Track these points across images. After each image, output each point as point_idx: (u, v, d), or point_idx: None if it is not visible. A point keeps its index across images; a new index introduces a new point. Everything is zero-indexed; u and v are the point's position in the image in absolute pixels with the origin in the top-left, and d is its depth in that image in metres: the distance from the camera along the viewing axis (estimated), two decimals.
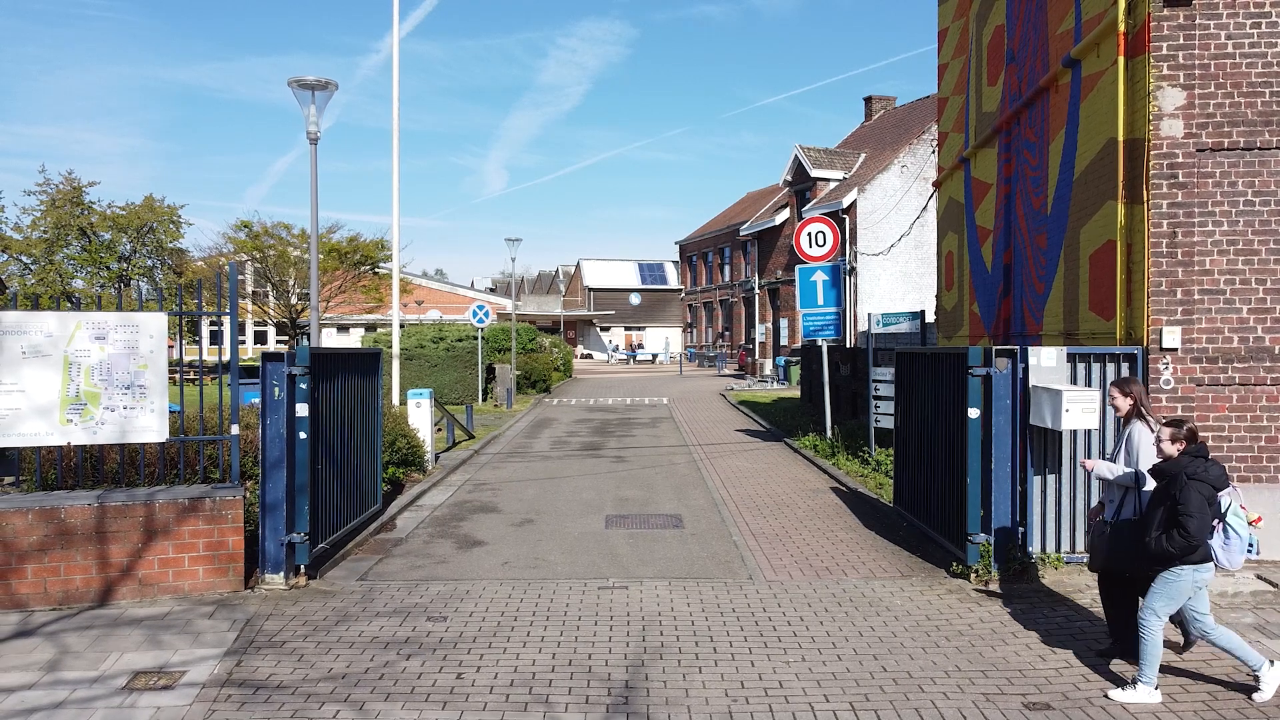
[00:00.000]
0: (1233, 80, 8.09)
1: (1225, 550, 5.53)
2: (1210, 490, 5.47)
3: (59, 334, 7.50)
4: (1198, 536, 5.40)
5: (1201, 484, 5.43)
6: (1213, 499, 5.50)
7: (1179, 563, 5.49)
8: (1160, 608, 5.59)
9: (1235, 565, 5.55)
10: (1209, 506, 5.45)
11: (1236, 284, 8.08)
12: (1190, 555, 5.45)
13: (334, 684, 5.81)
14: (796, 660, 6.24)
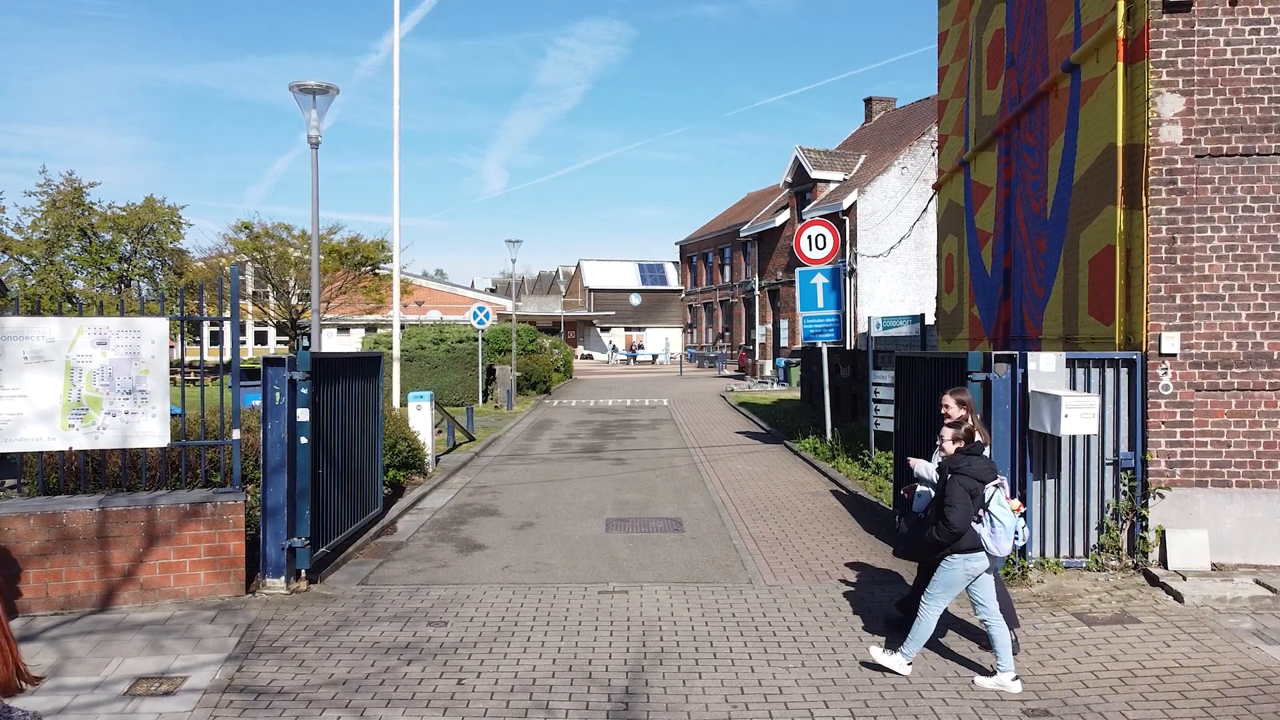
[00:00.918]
0: (1231, 86, 8.11)
1: (993, 539, 5.85)
2: (974, 483, 5.87)
3: (61, 339, 7.52)
4: (958, 526, 5.80)
5: (965, 478, 5.86)
6: (976, 491, 5.87)
7: (950, 552, 5.90)
8: (938, 594, 5.98)
9: (1003, 552, 5.88)
10: (972, 499, 5.83)
11: (1235, 289, 8.10)
12: (958, 544, 5.86)
13: (335, 689, 5.83)
14: (796, 666, 6.26)
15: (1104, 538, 8.18)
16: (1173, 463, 8.13)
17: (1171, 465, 8.13)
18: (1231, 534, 8.08)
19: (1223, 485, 8.11)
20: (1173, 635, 6.72)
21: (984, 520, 5.84)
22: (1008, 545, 5.85)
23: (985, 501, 5.85)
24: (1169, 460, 8.13)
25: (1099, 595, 7.63)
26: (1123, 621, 7.03)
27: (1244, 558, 8.07)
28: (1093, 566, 8.12)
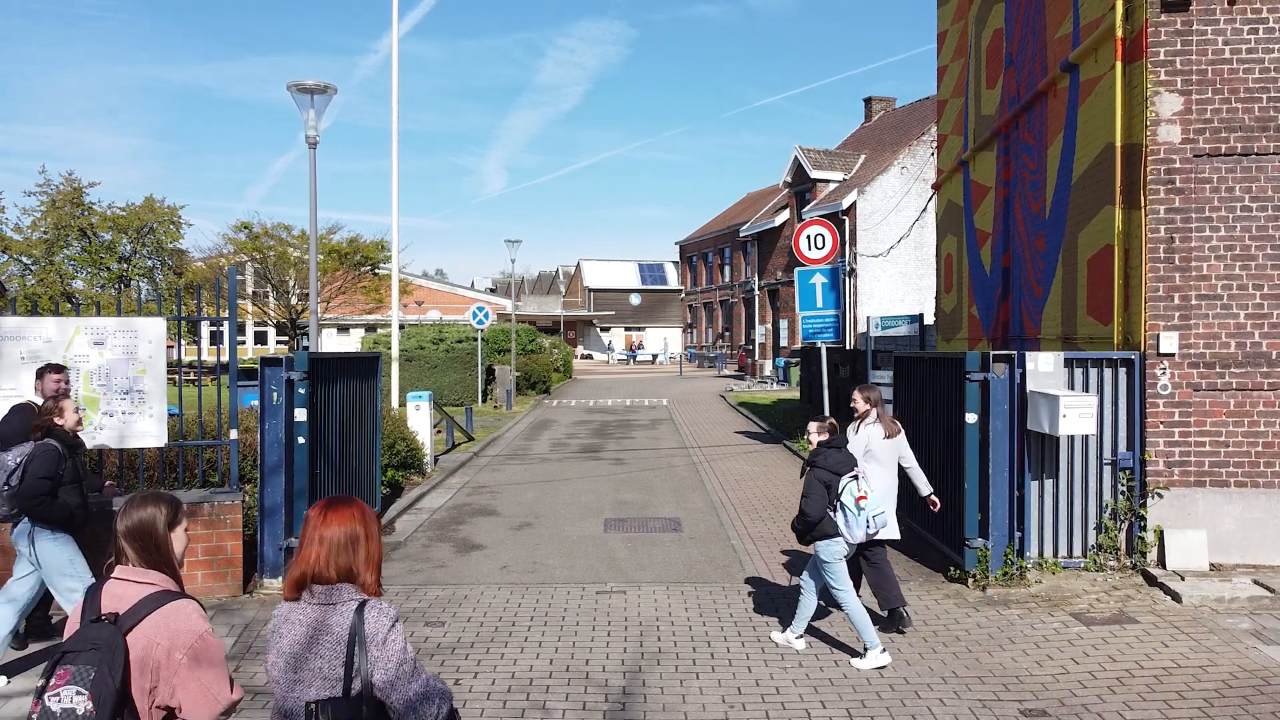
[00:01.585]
0: (1230, 86, 8.10)
1: (846, 528, 6.30)
2: (828, 475, 6.31)
3: (58, 339, 7.51)
4: (812, 515, 6.25)
5: (820, 470, 6.31)
6: (831, 483, 6.31)
7: (812, 538, 6.32)
8: (836, 583, 6.36)
9: (856, 539, 6.31)
10: (827, 490, 6.27)
11: (1234, 289, 8.09)
12: (818, 530, 6.29)
13: None
14: (794, 666, 6.25)
15: (1102, 538, 8.17)
16: (1171, 463, 8.12)
17: (1170, 465, 8.12)
18: (1230, 534, 8.07)
19: (1221, 485, 8.10)
20: (1171, 635, 6.72)
21: (838, 510, 6.28)
22: (861, 533, 6.29)
23: (838, 493, 6.27)
24: (1167, 460, 8.13)
25: (1097, 595, 7.62)
26: (1121, 622, 7.03)
27: (1242, 558, 8.07)
28: (1091, 566, 8.12)
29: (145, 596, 2.74)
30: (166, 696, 2.69)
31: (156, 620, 2.71)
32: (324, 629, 2.64)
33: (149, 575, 2.81)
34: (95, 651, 2.60)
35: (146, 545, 2.84)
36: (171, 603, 2.74)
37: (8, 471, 5.81)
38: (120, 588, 2.78)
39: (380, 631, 2.67)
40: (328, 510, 2.80)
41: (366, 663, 2.64)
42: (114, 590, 2.78)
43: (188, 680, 2.71)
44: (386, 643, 2.67)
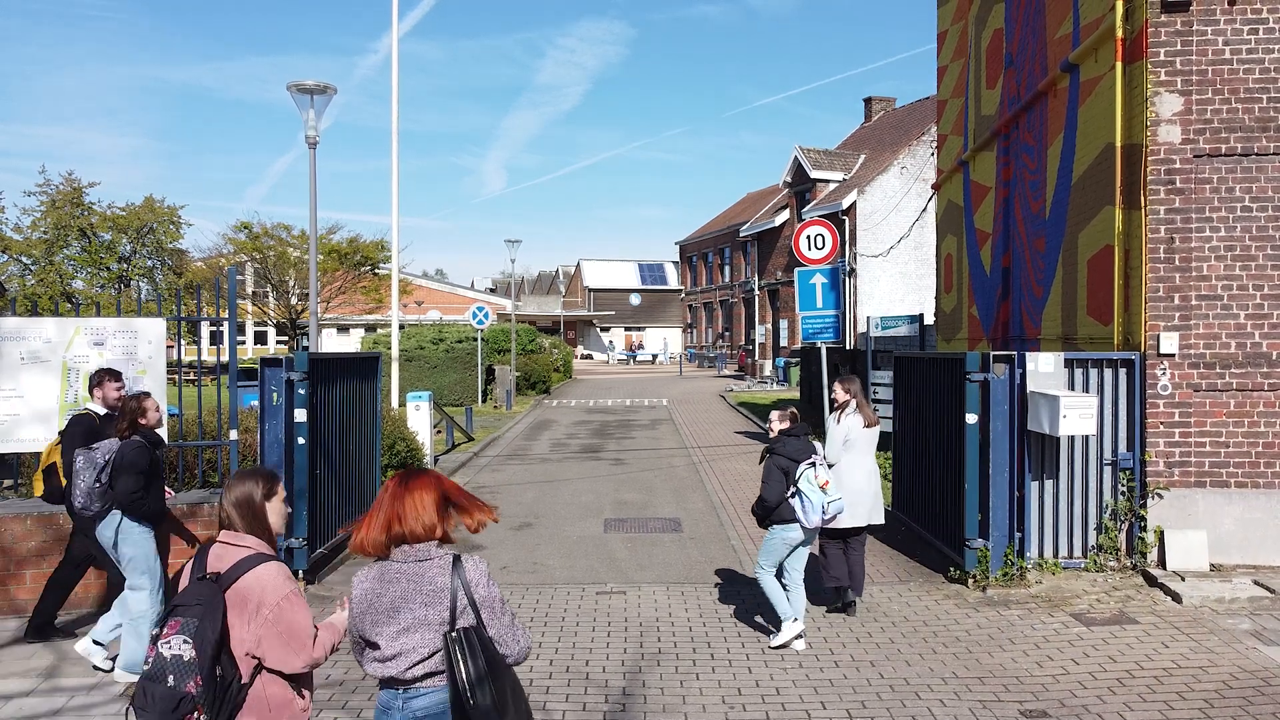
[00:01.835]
0: (1230, 86, 8.10)
1: (803, 513, 6.44)
2: (787, 462, 6.51)
3: (58, 340, 7.51)
4: (770, 500, 6.50)
5: (779, 457, 6.53)
6: (789, 469, 6.48)
7: (770, 523, 6.54)
8: (764, 561, 6.64)
9: (812, 524, 6.47)
10: (786, 476, 6.46)
11: (1234, 290, 8.09)
12: (776, 515, 6.50)
13: (332, 690, 5.82)
14: (794, 667, 6.25)
15: (1102, 538, 8.17)
16: (1171, 463, 8.12)
17: (1170, 466, 8.12)
18: (1230, 534, 8.07)
19: (1221, 486, 8.10)
20: (1171, 636, 6.71)
21: (796, 496, 6.44)
22: (817, 519, 6.44)
23: (797, 479, 6.43)
24: (1167, 461, 8.12)
25: (1097, 596, 7.62)
26: (1121, 622, 7.02)
27: (1242, 558, 8.06)
28: (1091, 567, 8.11)
29: (242, 558, 3.12)
30: (254, 647, 3.05)
31: (249, 579, 3.07)
32: (424, 580, 3.04)
33: (247, 540, 3.19)
34: (200, 606, 2.99)
35: (245, 513, 3.23)
36: (264, 564, 3.12)
37: (97, 468, 5.91)
38: (222, 550, 3.17)
39: (478, 578, 3.12)
40: (409, 479, 3.16)
41: (470, 603, 3.06)
42: (217, 551, 3.17)
43: (272, 634, 3.05)
44: (484, 586, 3.12)
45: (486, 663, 3.00)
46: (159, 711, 2.90)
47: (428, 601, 3.03)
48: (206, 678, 2.94)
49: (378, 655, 3.06)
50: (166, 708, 2.90)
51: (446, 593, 3.05)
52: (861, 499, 7.27)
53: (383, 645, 3.03)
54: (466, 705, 2.93)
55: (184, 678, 2.91)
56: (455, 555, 3.14)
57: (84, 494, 5.90)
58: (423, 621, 3.02)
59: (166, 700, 2.90)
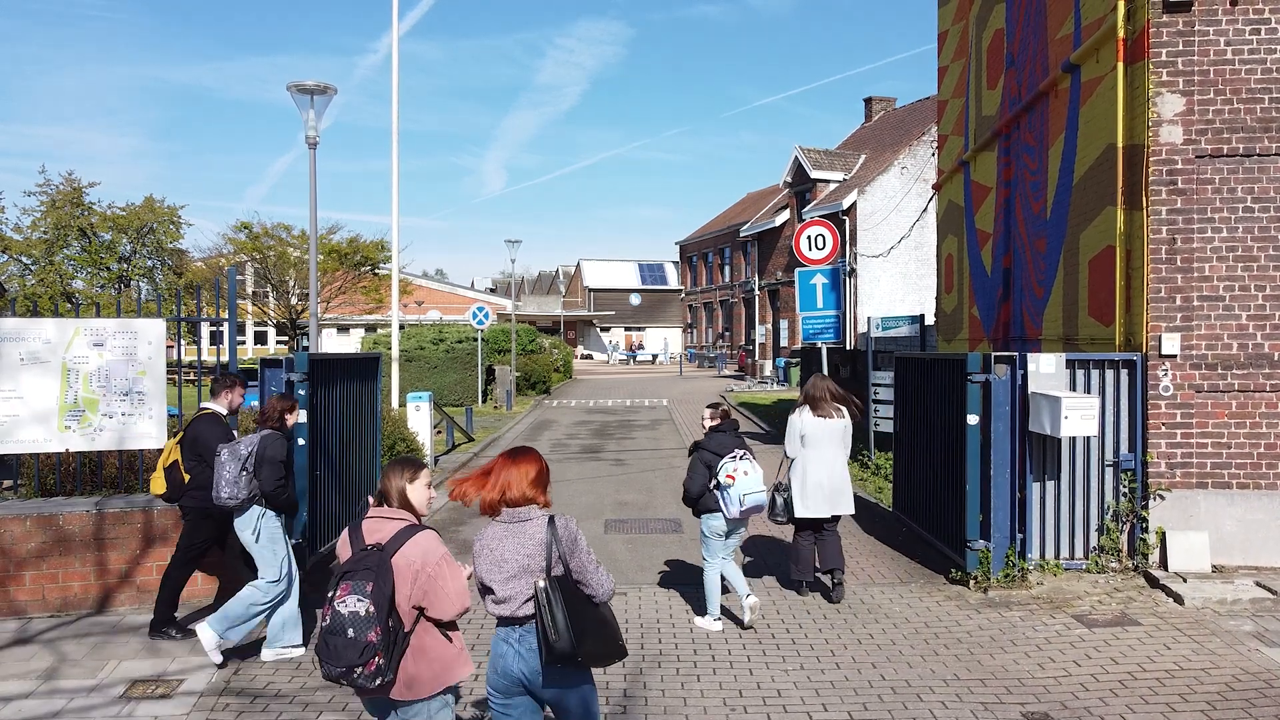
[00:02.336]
0: (1232, 86, 8.09)
1: (724, 504, 6.80)
2: (710, 456, 6.90)
3: (57, 340, 7.50)
4: (691, 491, 6.95)
5: (704, 452, 6.94)
6: (712, 463, 6.86)
7: (697, 512, 7.01)
8: (707, 554, 7.09)
9: (731, 514, 6.79)
10: (709, 470, 6.86)
11: (1236, 290, 8.07)
12: (701, 506, 6.96)
13: (331, 692, 5.80)
14: (795, 669, 6.24)
15: (1104, 539, 8.15)
16: (1173, 464, 8.11)
17: (1172, 467, 8.11)
18: (1232, 535, 8.06)
19: (1223, 487, 8.08)
20: (1173, 638, 6.70)
21: (718, 488, 6.82)
22: (735, 510, 6.74)
23: (718, 472, 6.80)
24: (1169, 462, 8.11)
25: (1099, 597, 7.61)
26: (1123, 624, 7.01)
27: (1244, 559, 8.05)
28: (1093, 568, 8.10)
29: (401, 529, 3.73)
30: (419, 598, 3.66)
31: (410, 546, 3.67)
32: (525, 535, 3.73)
33: (401, 514, 3.81)
34: (369, 570, 3.56)
35: (397, 494, 3.84)
36: (420, 533, 3.73)
37: (241, 460, 6.25)
38: (377, 524, 3.76)
39: (570, 534, 3.78)
40: (515, 457, 3.87)
41: (564, 553, 3.71)
42: (371, 526, 3.76)
43: (433, 587, 3.65)
44: (575, 540, 3.77)
45: (567, 605, 3.63)
46: (344, 660, 3.47)
47: (529, 553, 3.70)
48: (384, 628, 3.51)
49: (494, 598, 3.73)
50: (351, 656, 3.46)
51: (544, 546, 3.70)
52: (819, 491, 7.65)
53: (496, 590, 3.70)
54: (549, 636, 3.59)
55: (363, 629, 3.47)
56: (550, 516, 3.79)
57: (229, 484, 6.22)
58: (526, 570, 3.68)
59: (350, 649, 3.46)
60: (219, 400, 6.94)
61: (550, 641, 3.59)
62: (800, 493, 7.68)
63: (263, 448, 6.31)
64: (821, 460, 7.67)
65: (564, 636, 3.59)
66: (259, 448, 6.31)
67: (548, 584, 3.63)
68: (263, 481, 6.28)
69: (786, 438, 7.92)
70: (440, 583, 3.66)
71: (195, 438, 6.68)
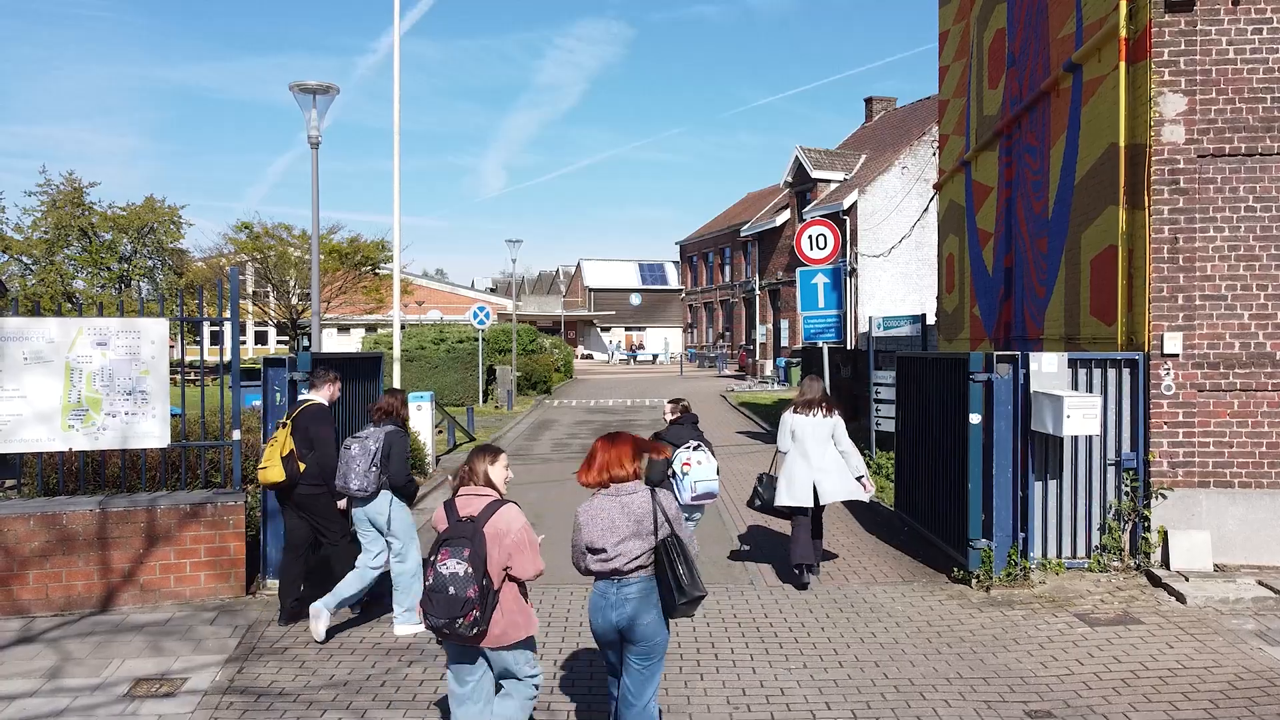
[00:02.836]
0: (1234, 86, 8.09)
1: (677, 491, 7.19)
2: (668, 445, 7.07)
3: (61, 340, 7.50)
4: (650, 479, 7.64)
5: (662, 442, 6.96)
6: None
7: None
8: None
9: (684, 499, 7.18)
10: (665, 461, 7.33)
11: (1238, 290, 8.08)
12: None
13: (336, 691, 5.82)
14: (798, 667, 6.24)
15: (1106, 538, 8.16)
16: (1175, 463, 8.11)
17: (1174, 466, 8.11)
18: (1234, 535, 8.06)
19: (1225, 486, 8.09)
20: (1175, 636, 6.71)
21: (673, 476, 7.22)
22: (687, 496, 7.19)
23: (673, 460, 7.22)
24: (1171, 461, 8.11)
25: (1101, 596, 7.61)
26: (1125, 623, 7.02)
27: (1246, 558, 8.05)
28: (1095, 567, 8.11)
29: (489, 503, 4.47)
30: (506, 561, 4.38)
31: (498, 517, 4.41)
32: (632, 505, 4.45)
33: (487, 491, 4.56)
34: (465, 538, 4.30)
35: (482, 474, 4.60)
36: (504, 506, 4.47)
37: (371, 454, 6.70)
38: (468, 500, 4.51)
39: (670, 503, 4.52)
40: (615, 439, 4.59)
41: (666, 519, 4.47)
42: (463, 501, 4.51)
43: (518, 551, 4.40)
44: (673, 509, 4.52)
45: (683, 555, 4.46)
46: (447, 613, 4.20)
47: (638, 519, 4.42)
48: (480, 586, 4.23)
49: (602, 557, 4.40)
50: (453, 609, 4.19)
51: (649, 514, 4.44)
52: (806, 483, 8.14)
53: (608, 550, 4.39)
54: (681, 581, 4.40)
55: (462, 586, 4.19)
56: (653, 489, 4.53)
57: (359, 476, 6.68)
58: (634, 533, 4.41)
59: (452, 604, 4.19)
60: (320, 392, 7.32)
61: (683, 586, 4.41)
62: (788, 484, 8.18)
63: (389, 444, 6.79)
64: (809, 455, 8.14)
65: (695, 580, 4.44)
66: (386, 443, 6.78)
67: (667, 540, 4.44)
68: (394, 475, 6.79)
69: (779, 434, 8.45)
70: (523, 548, 4.41)
71: (309, 428, 7.03)
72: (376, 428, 6.90)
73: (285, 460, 6.94)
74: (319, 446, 6.99)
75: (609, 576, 4.45)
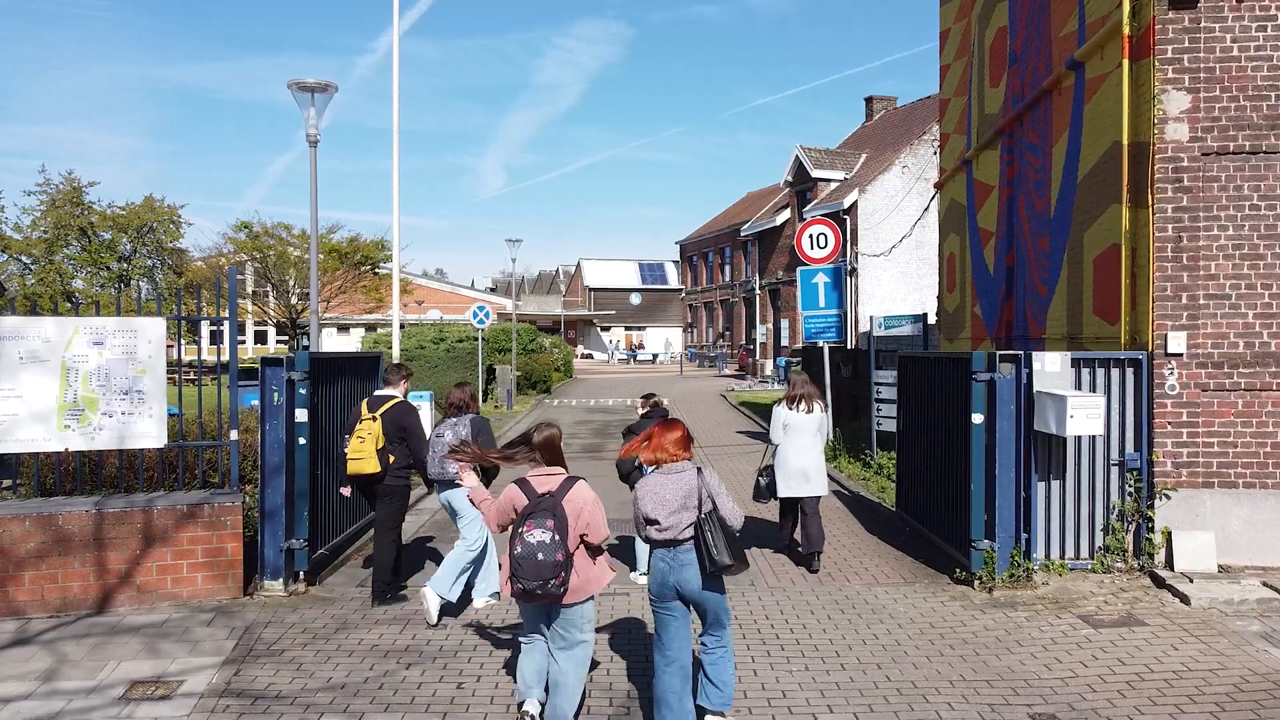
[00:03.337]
0: (1238, 84, 8.04)
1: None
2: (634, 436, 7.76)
3: (57, 339, 7.45)
4: (621, 469, 8.16)
5: (631, 434, 7.62)
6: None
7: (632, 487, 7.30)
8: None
9: None
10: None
11: (1242, 288, 8.02)
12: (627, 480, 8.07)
13: (333, 694, 5.76)
14: (800, 669, 6.19)
15: (1109, 539, 8.11)
16: (1179, 463, 8.06)
17: (1178, 466, 8.06)
18: (1238, 535, 8.01)
19: (1229, 486, 8.04)
20: (1180, 638, 6.65)
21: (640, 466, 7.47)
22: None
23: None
24: (1175, 461, 8.06)
25: (1105, 597, 7.56)
26: (1129, 624, 6.96)
27: (1251, 559, 8.00)
28: (1098, 568, 8.05)
29: (565, 479, 5.08)
30: (582, 529, 4.99)
31: (573, 492, 5.02)
32: (682, 482, 5.03)
33: (557, 469, 5.17)
34: (547, 510, 4.91)
35: (550, 451, 5.21)
36: (578, 482, 5.07)
37: (460, 439, 7.12)
38: (543, 479, 5.10)
39: (713, 481, 5.06)
40: (666, 427, 5.19)
41: (711, 495, 5.01)
42: (538, 480, 5.10)
43: (592, 520, 5.02)
44: (716, 486, 5.05)
45: (722, 530, 4.94)
46: (537, 576, 4.78)
47: (687, 494, 4.99)
48: (565, 551, 4.83)
49: (658, 528, 4.98)
50: (542, 571, 4.77)
51: (695, 490, 5.00)
52: (799, 474, 8.67)
53: (663, 521, 4.96)
54: (711, 553, 4.90)
55: (550, 552, 4.78)
56: (699, 468, 5.07)
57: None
58: (684, 507, 4.97)
59: (541, 567, 4.77)
60: (398, 388, 7.98)
61: (714, 557, 4.89)
62: (783, 475, 8.72)
63: (476, 429, 7.41)
64: (800, 447, 8.73)
65: (724, 553, 4.90)
66: (474, 428, 7.40)
67: (707, 516, 4.94)
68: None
69: (771, 427, 8.96)
70: (596, 517, 5.03)
71: (402, 422, 7.61)
72: (457, 418, 7.51)
73: (379, 453, 7.48)
74: (412, 439, 7.64)
75: (667, 545, 5.01)
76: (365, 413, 7.67)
